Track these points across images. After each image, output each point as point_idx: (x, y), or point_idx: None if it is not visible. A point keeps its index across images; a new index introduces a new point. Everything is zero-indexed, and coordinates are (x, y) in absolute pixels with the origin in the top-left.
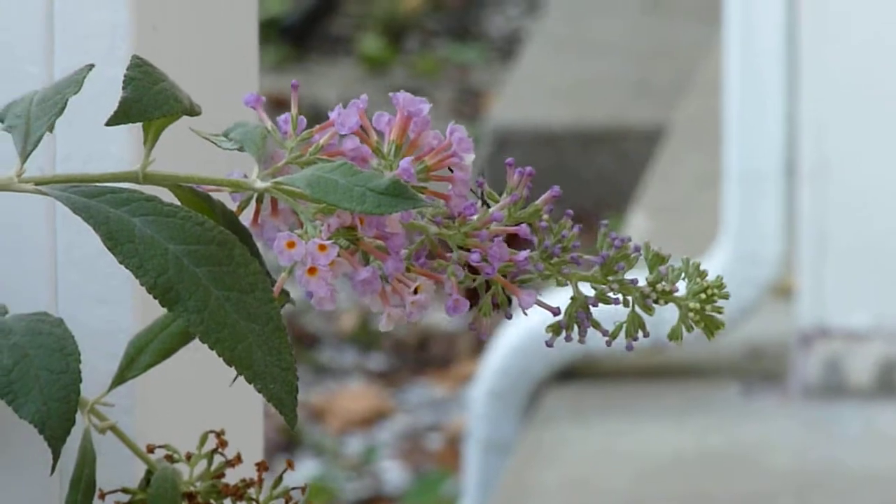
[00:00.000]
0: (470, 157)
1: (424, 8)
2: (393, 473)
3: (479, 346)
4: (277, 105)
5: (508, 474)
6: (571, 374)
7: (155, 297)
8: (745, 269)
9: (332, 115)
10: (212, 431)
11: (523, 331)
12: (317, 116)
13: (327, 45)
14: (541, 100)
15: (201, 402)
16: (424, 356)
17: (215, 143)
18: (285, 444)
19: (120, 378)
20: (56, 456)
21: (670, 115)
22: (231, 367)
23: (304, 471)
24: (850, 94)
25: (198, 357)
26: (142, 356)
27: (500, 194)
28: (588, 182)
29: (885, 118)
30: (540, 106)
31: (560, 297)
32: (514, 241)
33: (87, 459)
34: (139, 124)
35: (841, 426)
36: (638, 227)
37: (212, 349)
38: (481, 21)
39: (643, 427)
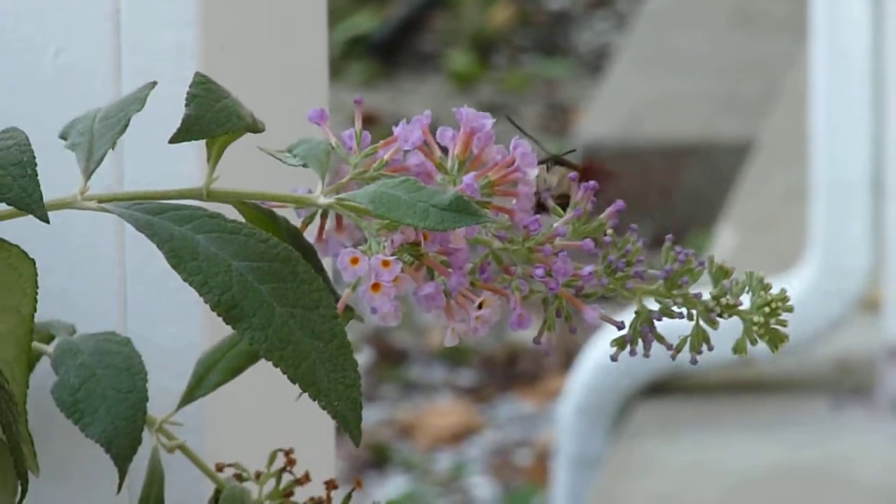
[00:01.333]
0: (534, 172)
1: (512, 23)
2: (482, 489)
3: (567, 361)
4: (368, 121)
5: (597, 490)
6: (660, 388)
7: (219, 315)
8: (832, 283)
9: (396, 131)
10: (280, 450)
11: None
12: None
13: (416, 62)
14: (628, 114)
15: (271, 420)
16: (513, 372)
17: (280, 160)
18: (375, 461)
19: (188, 397)
20: (122, 475)
21: (758, 129)
22: (295, 384)
23: (394, 487)
24: None
25: (266, 375)
26: (210, 375)
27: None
28: (676, 197)
29: None
30: (627, 120)
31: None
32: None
33: (155, 478)
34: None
35: None
36: (725, 241)
37: (276, 366)
38: (569, 36)
39: (733, 441)
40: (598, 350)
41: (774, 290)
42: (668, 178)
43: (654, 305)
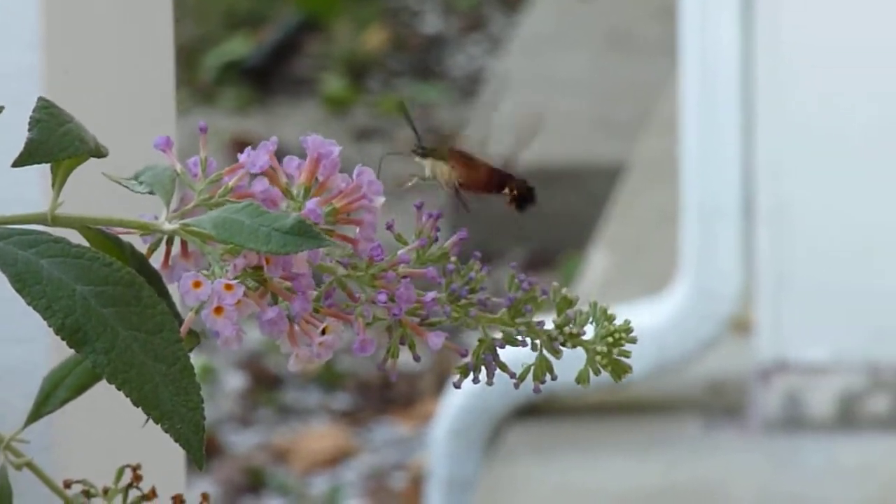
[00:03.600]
0: (380, 200)
1: (386, 47)
2: None
3: (441, 384)
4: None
5: None
6: (533, 411)
7: (63, 339)
8: (704, 305)
9: (242, 158)
10: (128, 466)
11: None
12: (280, 158)
13: (290, 86)
14: (503, 138)
15: (119, 437)
16: (388, 395)
17: (126, 187)
18: (250, 485)
19: (35, 414)
20: None
21: (631, 152)
22: (138, 407)
23: None
24: (807, 134)
25: (114, 392)
26: (57, 392)
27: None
28: (550, 219)
29: (841, 158)
30: (502, 144)
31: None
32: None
33: (3, 496)
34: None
35: (802, 459)
36: (598, 263)
37: (119, 389)
38: (443, 60)
39: (605, 463)
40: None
41: (619, 321)
42: (542, 201)
43: (499, 334)
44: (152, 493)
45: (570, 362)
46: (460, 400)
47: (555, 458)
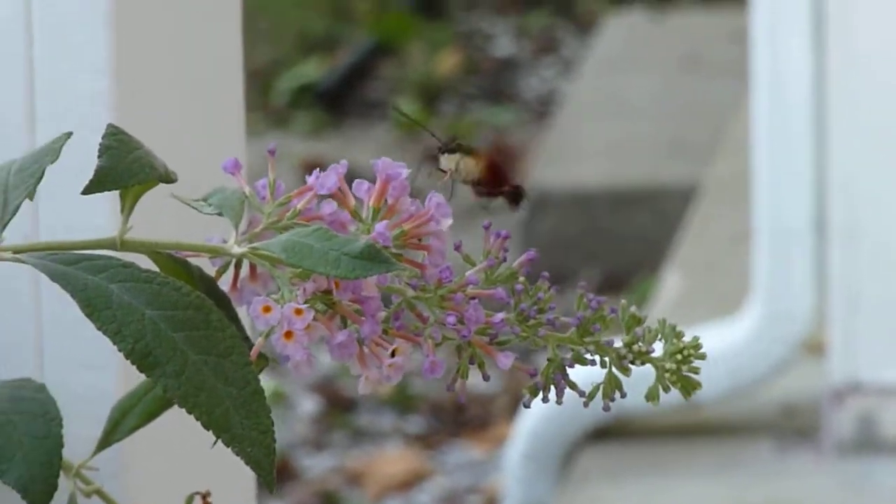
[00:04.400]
0: (447, 223)
1: (459, 71)
2: None
3: (514, 407)
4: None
5: None
6: (605, 434)
7: (133, 363)
8: (776, 327)
9: (311, 180)
10: (198, 493)
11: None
12: (353, 181)
13: (363, 110)
14: (576, 161)
15: (188, 464)
16: (462, 418)
17: (195, 209)
18: None
19: (105, 442)
20: None
21: (704, 174)
22: (209, 430)
23: None
24: (879, 152)
25: (183, 419)
26: (126, 420)
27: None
28: (624, 241)
29: None
30: (575, 167)
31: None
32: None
33: None
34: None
35: (875, 482)
36: (672, 285)
37: (190, 413)
38: (516, 83)
39: (679, 486)
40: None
41: (688, 338)
42: (616, 223)
43: (568, 353)
44: None
45: (642, 383)
46: (533, 423)
47: (628, 481)
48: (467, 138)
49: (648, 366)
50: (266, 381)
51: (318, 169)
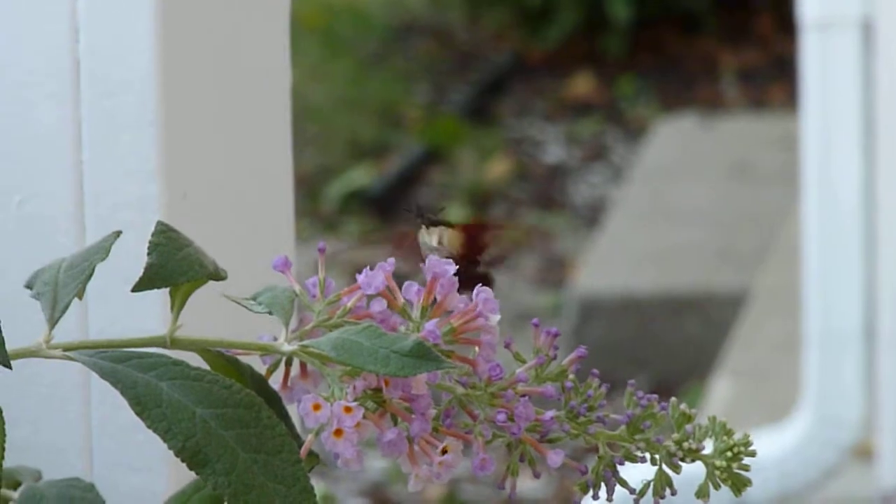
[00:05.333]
0: (495, 318)
1: (509, 177)
2: None
3: None
4: None
5: None
6: None
7: (183, 461)
8: (826, 432)
9: (360, 278)
10: None
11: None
12: (401, 286)
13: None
14: (625, 267)
15: None
16: None
17: (245, 307)
18: None
19: None
20: None
21: (753, 281)
22: None
23: None
24: None
25: None
26: None
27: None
28: (674, 348)
29: None
30: (625, 273)
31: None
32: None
33: None
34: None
35: None
36: (721, 391)
37: None
38: (566, 189)
39: None
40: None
41: (738, 436)
42: (665, 330)
43: (617, 450)
44: None
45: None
46: None
47: None
48: (445, 212)
49: (698, 464)
50: (316, 484)
51: (367, 267)
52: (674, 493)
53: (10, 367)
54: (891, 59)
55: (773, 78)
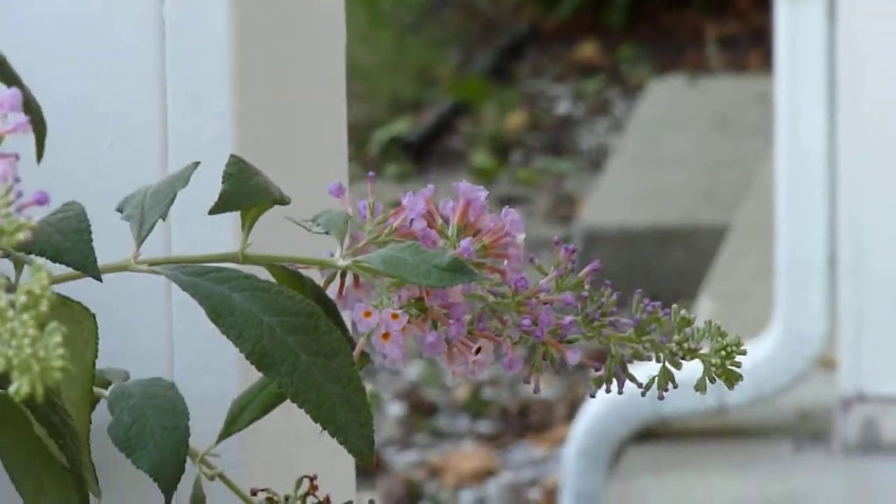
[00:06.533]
0: (521, 236)
1: (525, 127)
2: None
3: (572, 412)
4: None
5: None
6: (649, 435)
7: (252, 363)
8: (795, 346)
9: (404, 201)
10: (305, 476)
11: (607, 399)
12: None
13: (444, 160)
14: (623, 204)
15: (297, 451)
16: (526, 422)
17: (305, 228)
18: (409, 497)
19: (225, 432)
20: (168, 500)
21: (733, 217)
22: (317, 423)
23: None
24: (883, 198)
25: (293, 412)
26: (244, 413)
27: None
28: (664, 274)
29: None
30: (622, 210)
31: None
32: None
33: (198, 501)
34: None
35: (878, 478)
36: (704, 311)
37: (300, 408)
38: (574, 138)
39: (711, 479)
40: (595, 402)
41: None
42: (656, 258)
43: (626, 350)
44: (327, 501)
45: (685, 389)
46: (588, 425)
47: (668, 475)
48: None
49: (690, 367)
50: (366, 383)
51: (410, 192)
52: (675, 386)
53: (100, 280)
54: (851, 28)
55: (751, 45)
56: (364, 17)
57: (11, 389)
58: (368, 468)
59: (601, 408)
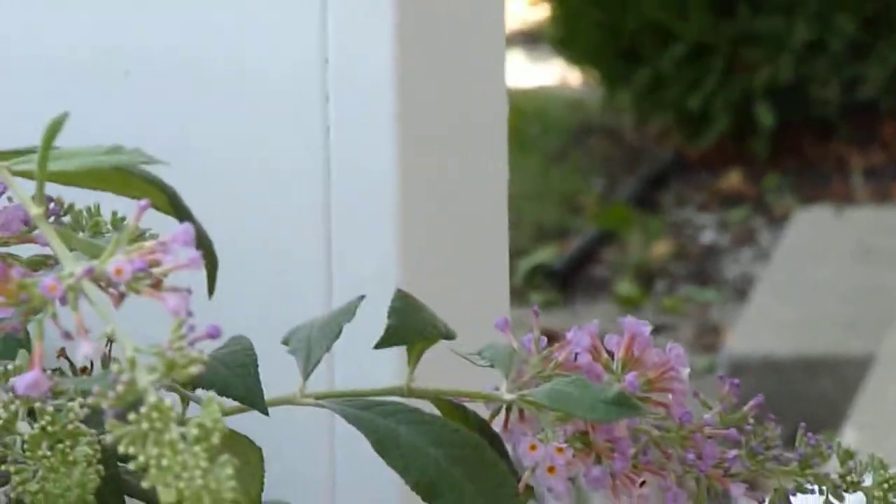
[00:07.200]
0: (685, 371)
1: (671, 256)
2: None
3: None
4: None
5: None
6: None
7: (418, 493)
8: None
9: (569, 336)
10: None
11: None
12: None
13: (589, 288)
14: (768, 333)
15: None
16: None
17: (471, 361)
18: None
19: None
20: None
21: (878, 347)
22: None
23: None
24: None
25: None
26: None
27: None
28: (809, 403)
29: None
30: (768, 339)
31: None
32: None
33: None
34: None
35: None
36: (848, 441)
37: None
38: (719, 267)
39: None
40: None
41: (892, 470)
42: (802, 388)
43: (790, 483)
44: None
45: None
46: None
47: None
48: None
49: (859, 494)
50: None
51: (575, 327)
52: None
53: (267, 413)
54: None
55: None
56: (510, 145)
57: None
58: None
59: None
